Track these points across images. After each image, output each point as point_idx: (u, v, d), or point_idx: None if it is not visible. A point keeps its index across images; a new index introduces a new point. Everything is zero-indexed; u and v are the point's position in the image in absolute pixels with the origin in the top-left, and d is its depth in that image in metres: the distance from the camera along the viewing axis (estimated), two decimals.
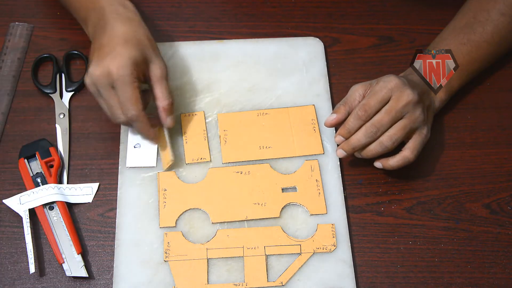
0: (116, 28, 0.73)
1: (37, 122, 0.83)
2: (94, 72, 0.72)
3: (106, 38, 0.73)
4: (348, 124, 0.75)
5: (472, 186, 0.80)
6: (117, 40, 0.72)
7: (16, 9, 0.91)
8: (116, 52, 0.71)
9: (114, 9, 0.76)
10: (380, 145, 0.74)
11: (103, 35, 0.74)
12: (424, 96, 0.78)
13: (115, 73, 0.71)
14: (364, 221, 0.77)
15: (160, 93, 0.75)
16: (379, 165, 0.76)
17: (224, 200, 0.77)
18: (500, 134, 0.84)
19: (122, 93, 0.72)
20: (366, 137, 0.74)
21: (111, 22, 0.74)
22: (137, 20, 0.76)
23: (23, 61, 0.88)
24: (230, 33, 0.91)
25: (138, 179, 0.78)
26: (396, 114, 0.74)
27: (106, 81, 0.72)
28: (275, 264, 0.73)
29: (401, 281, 0.73)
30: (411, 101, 0.74)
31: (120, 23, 0.74)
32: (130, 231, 0.75)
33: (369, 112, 0.74)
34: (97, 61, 0.72)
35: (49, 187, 0.76)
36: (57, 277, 0.73)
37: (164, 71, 0.76)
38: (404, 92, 0.74)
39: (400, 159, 0.75)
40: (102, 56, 0.72)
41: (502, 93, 0.87)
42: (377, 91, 0.74)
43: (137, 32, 0.75)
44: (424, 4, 0.94)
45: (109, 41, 0.73)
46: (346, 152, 0.76)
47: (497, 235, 0.76)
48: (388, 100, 0.74)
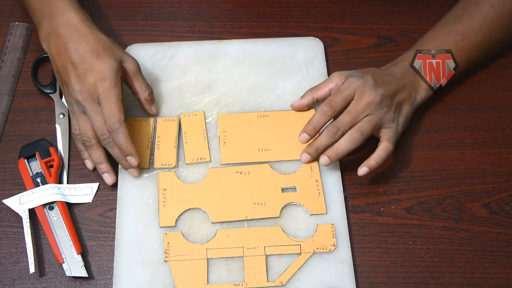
0: (80, 46, 0.75)
1: (37, 122, 0.83)
2: (79, 90, 0.74)
3: (76, 56, 0.74)
4: (313, 120, 0.77)
5: (472, 186, 0.80)
6: (88, 56, 0.74)
7: (16, 9, 0.91)
8: (94, 67, 0.73)
9: (65, 23, 0.76)
10: (351, 137, 0.75)
11: (67, 54, 0.75)
12: (400, 91, 0.79)
13: (100, 86, 0.73)
14: (364, 221, 0.77)
15: (138, 86, 0.79)
16: (363, 170, 0.76)
17: (224, 200, 0.77)
18: (500, 134, 0.84)
19: (108, 104, 0.73)
20: (328, 138, 0.76)
21: (72, 41, 0.75)
22: (92, 28, 0.77)
23: (23, 61, 0.88)
24: (230, 33, 0.91)
25: (138, 179, 0.78)
26: (357, 114, 0.75)
27: (91, 97, 0.74)
28: (275, 264, 0.73)
29: (401, 281, 0.73)
30: (372, 102, 0.75)
31: (80, 40, 0.75)
32: (130, 231, 0.75)
33: (334, 107, 0.76)
34: (77, 80, 0.74)
35: (49, 187, 0.76)
36: (57, 277, 0.73)
37: (136, 65, 0.78)
38: (366, 93, 0.75)
39: (381, 150, 0.76)
40: (81, 74, 0.74)
41: (502, 93, 0.87)
42: (342, 90, 0.76)
43: (101, 41, 0.76)
44: (424, 4, 0.94)
45: (81, 59, 0.74)
46: (310, 154, 0.77)
47: (497, 235, 0.76)
48: (352, 98, 0.76)
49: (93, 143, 0.76)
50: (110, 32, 0.89)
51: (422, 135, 0.83)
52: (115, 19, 0.92)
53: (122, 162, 0.76)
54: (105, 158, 0.77)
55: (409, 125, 0.83)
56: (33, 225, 0.75)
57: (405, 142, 0.82)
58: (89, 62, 0.74)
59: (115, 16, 0.92)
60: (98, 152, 0.76)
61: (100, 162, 0.76)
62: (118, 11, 0.92)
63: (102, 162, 0.76)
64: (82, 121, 0.76)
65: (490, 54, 0.87)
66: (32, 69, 0.86)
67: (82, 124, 0.76)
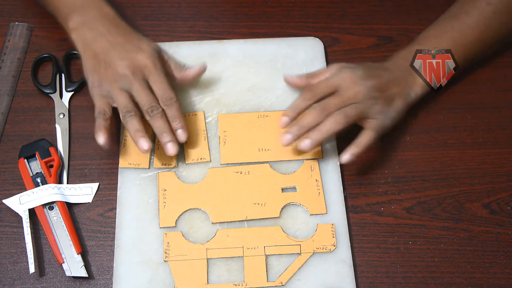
0: (122, 30, 0.79)
1: (37, 122, 0.83)
2: (127, 65, 0.75)
3: (120, 38, 0.77)
4: (294, 104, 0.77)
5: (472, 186, 0.80)
6: (132, 38, 0.78)
7: (16, 9, 0.91)
8: (142, 46, 0.77)
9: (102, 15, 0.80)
10: (335, 119, 0.74)
11: (109, 37, 0.77)
12: (393, 84, 0.79)
13: (150, 63, 0.76)
14: (364, 221, 0.77)
15: (174, 65, 0.81)
16: (345, 157, 0.75)
17: (224, 200, 0.77)
18: (500, 134, 0.84)
19: (158, 79, 0.76)
20: (313, 116, 0.75)
21: (112, 26, 0.79)
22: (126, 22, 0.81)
23: (23, 61, 0.88)
24: (230, 33, 0.91)
25: (137, 179, 0.78)
26: (343, 99, 0.75)
27: (140, 72, 0.76)
28: (275, 264, 0.73)
29: (401, 281, 0.73)
30: (359, 92, 0.75)
31: (121, 26, 0.79)
32: (130, 231, 0.75)
33: (316, 94, 0.76)
34: (124, 56, 0.76)
35: (49, 187, 0.76)
36: (57, 277, 0.73)
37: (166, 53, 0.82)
38: (354, 83, 0.76)
39: (363, 137, 0.76)
40: (128, 51, 0.76)
41: (502, 93, 0.87)
42: (328, 78, 0.77)
43: (136, 31, 0.80)
44: (424, 4, 0.94)
45: (127, 39, 0.77)
46: (293, 133, 0.75)
47: (497, 235, 0.76)
48: (336, 88, 0.76)
49: (157, 112, 0.75)
50: None
51: (422, 135, 0.83)
52: None
53: (163, 135, 0.75)
54: (168, 127, 0.76)
55: (409, 125, 0.83)
56: (33, 225, 0.75)
57: (405, 142, 0.82)
58: (134, 43, 0.77)
59: None
60: (161, 120, 0.75)
61: (165, 130, 0.75)
62: (118, 11, 0.92)
63: (166, 131, 0.75)
64: (122, 97, 0.75)
65: (487, 52, 0.87)
66: (32, 69, 0.86)
67: (124, 100, 0.75)
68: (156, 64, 0.76)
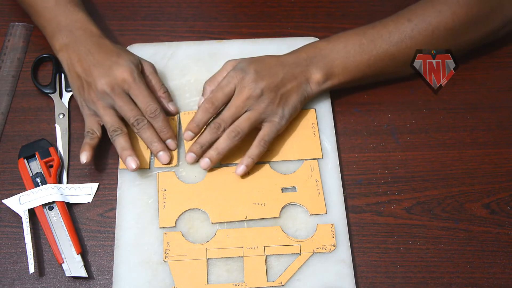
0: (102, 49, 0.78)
1: (37, 122, 0.83)
2: (106, 82, 0.76)
3: (99, 57, 0.77)
4: (196, 117, 0.78)
5: (471, 186, 0.80)
6: (111, 55, 0.78)
7: (16, 9, 0.91)
8: (119, 62, 0.77)
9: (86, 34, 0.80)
10: (228, 136, 0.76)
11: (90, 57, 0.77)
12: (288, 81, 0.78)
13: (128, 77, 0.76)
14: (363, 221, 0.77)
15: (155, 84, 0.81)
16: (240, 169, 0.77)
17: (224, 200, 0.77)
18: (500, 134, 0.84)
19: (138, 92, 0.76)
20: (211, 134, 0.77)
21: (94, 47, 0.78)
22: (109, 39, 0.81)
23: (23, 61, 0.88)
24: (230, 33, 0.91)
25: (137, 179, 0.78)
26: (237, 109, 0.76)
27: (120, 88, 0.76)
28: (275, 264, 0.73)
29: (401, 281, 0.73)
30: (251, 97, 0.76)
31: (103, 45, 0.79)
32: (130, 231, 0.75)
33: (215, 104, 0.77)
34: (103, 74, 0.76)
35: (49, 187, 0.76)
36: (56, 277, 0.73)
37: (153, 67, 0.82)
38: (245, 88, 0.76)
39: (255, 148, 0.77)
40: (106, 69, 0.76)
41: (502, 93, 0.87)
42: (222, 86, 0.78)
43: (120, 47, 0.80)
44: None
45: (105, 58, 0.77)
46: (195, 152, 0.77)
47: (496, 235, 0.76)
48: (233, 93, 0.77)
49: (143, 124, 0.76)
50: (110, 32, 0.89)
51: (422, 135, 0.83)
52: (115, 19, 0.92)
53: (153, 144, 0.77)
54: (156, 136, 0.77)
55: (409, 125, 0.83)
56: (33, 225, 0.75)
57: (405, 142, 0.82)
58: (113, 60, 0.77)
59: (115, 16, 0.92)
60: (148, 132, 0.77)
61: (154, 140, 0.77)
62: (118, 11, 0.93)
63: (155, 141, 0.77)
64: (108, 116, 0.77)
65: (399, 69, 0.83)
66: (32, 69, 0.86)
67: (109, 118, 0.77)
68: (134, 77, 0.76)
